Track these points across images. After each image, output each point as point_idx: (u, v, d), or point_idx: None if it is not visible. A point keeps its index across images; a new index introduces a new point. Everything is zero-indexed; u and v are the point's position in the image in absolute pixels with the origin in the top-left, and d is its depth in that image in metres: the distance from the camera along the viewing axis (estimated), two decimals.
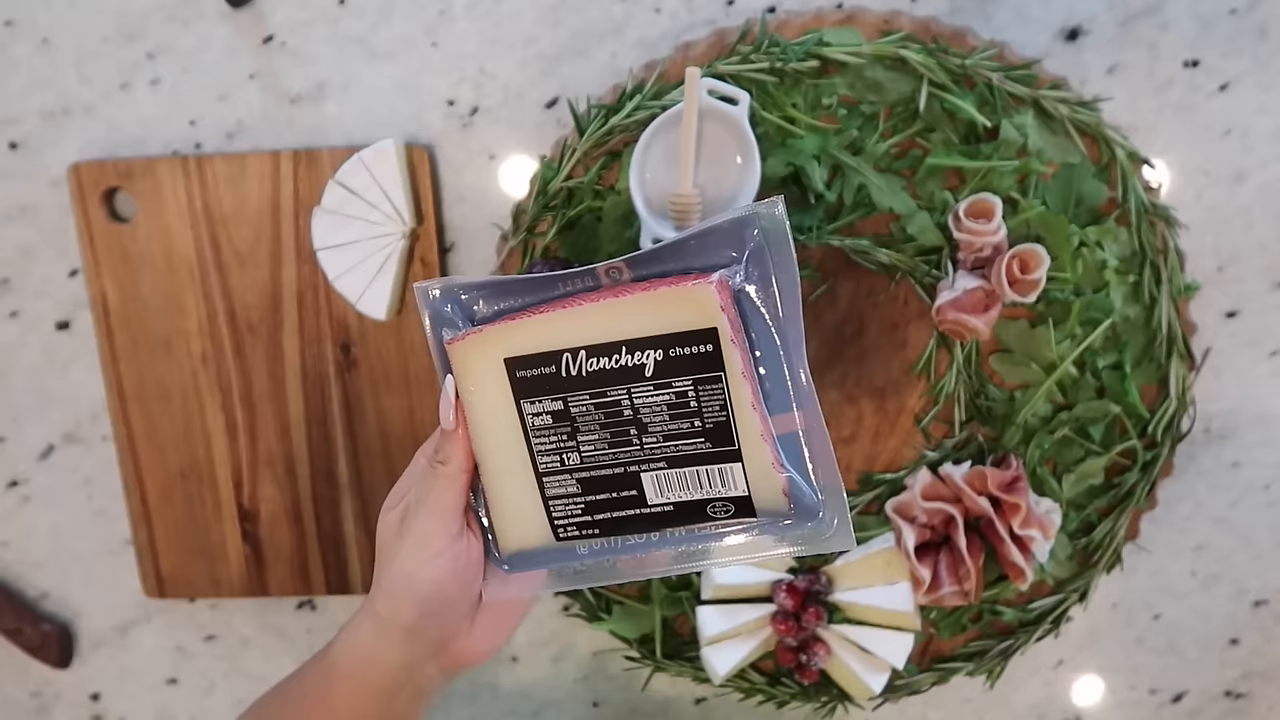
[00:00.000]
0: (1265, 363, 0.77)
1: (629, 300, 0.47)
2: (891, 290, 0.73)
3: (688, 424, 0.49)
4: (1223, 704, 0.84)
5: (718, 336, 0.47)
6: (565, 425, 0.50)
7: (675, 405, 0.49)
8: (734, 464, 0.49)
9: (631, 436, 0.49)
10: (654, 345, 0.48)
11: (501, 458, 0.51)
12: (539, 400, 0.50)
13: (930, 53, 0.68)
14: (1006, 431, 0.74)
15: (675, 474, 0.50)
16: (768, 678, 0.79)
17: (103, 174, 0.77)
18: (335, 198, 0.74)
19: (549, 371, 0.49)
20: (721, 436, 0.49)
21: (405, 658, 0.53)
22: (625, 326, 0.48)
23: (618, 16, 0.74)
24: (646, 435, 0.49)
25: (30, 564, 0.86)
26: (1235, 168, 0.74)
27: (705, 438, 0.49)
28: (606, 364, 0.48)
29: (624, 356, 0.48)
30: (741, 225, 0.48)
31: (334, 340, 0.78)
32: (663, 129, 0.68)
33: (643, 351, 0.48)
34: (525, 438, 0.51)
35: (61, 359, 0.82)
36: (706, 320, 0.47)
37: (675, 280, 0.48)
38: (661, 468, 0.50)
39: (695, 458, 0.49)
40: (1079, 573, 0.77)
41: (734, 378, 0.48)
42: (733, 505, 0.50)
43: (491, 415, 0.50)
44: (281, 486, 0.81)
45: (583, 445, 0.50)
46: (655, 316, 0.48)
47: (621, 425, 0.49)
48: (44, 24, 0.77)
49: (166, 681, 0.88)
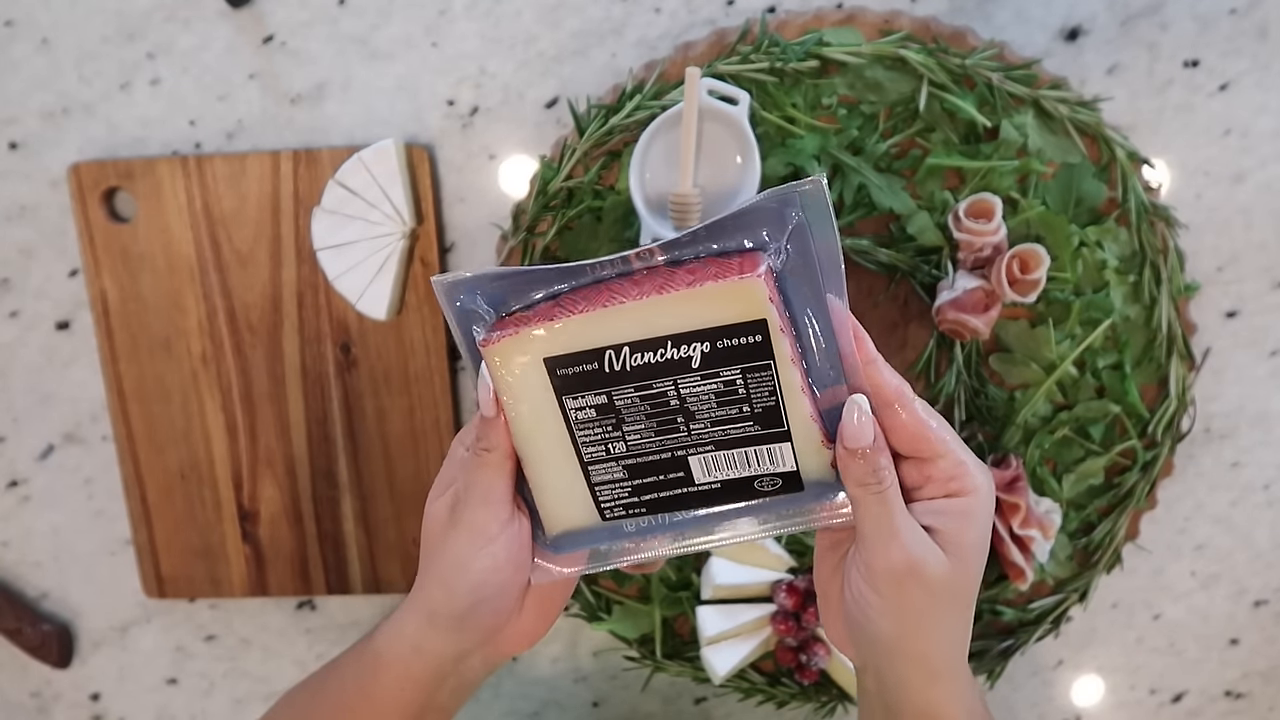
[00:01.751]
0: (1265, 363, 0.77)
1: (673, 297, 0.47)
2: (891, 290, 0.73)
3: (736, 410, 0.48)
4: (1223, 704, 0.84)
5: (767, 328, 0.47)
6: (610, 417, 0.49)
7: (723, 393, 0.48)
8: (783, 443, 0.49)
9: (679, 424, 0.49)
10: (701, 339, 0.47)
11: (544, 448, 0.51)
12: (582, 396, 0.49)
13: (930, 53, 0.68)
14: (1006, 431, 0.74)
15: (724, 455, 0.50)
16: (768, 678, 0.79)
17: (103, 174, 0.77)
18: (335, 198, 0.74)
19: (592, 369, 0.48)
20: (771, 419, 0.48)
21: (454, 648, 0.53)
22: (670, 321, 0.47)
23: (618, 16, 0.74)
24: (694, 422, 0.49)
25: (30, 564, 0.86)
26: (1235, 168, 0.74)
27: (754, 421, 0.49)
28: (651, 358, 0.48)
29: (670, 350, 0.48)
30: (784, 204, 0.47)
31: (334, 340, 0.78)
32: (663, 129, 0.68)
33: (689, 345, 0.47)
34: (569, 430, 0.50)
35: (61, 359, 0.82)
36: (755, 312, 0.47)
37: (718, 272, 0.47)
38: (709, 450, 0.50)
39: (743, 440, 0.49)
40: (1079, 573, 0.77)
41: (783, 364, 0.47)
42: (781, 479, 0.50)
43: (532, 410, 0.50)
44: (281, 486, 0.81)
45: (628, 435, 0.50)
46: (701, 310, 0.47)
47: (668, 414, 0.49)
48: (44, 24, 0.77)
49: (166, 681, 0.88)
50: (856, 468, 0.46)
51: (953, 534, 0.46)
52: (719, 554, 0.75)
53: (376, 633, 0.55)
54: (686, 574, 0.77)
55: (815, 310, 0.48)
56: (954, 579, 0.46)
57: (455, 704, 0.56)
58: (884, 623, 0.47)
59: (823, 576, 0.51)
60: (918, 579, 0.45)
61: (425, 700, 0.54)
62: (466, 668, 0.54)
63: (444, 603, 0.52)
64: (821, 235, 0.47)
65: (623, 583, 0.78)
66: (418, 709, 0.54)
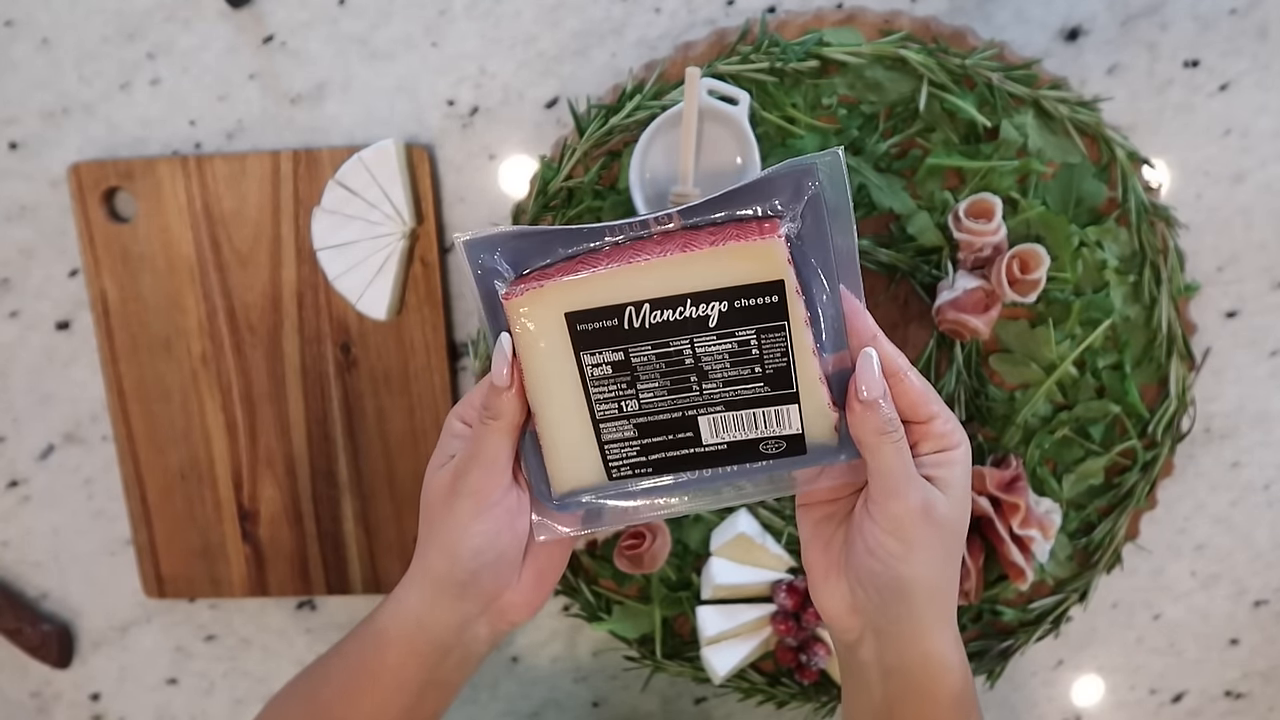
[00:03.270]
0: (1265, 363, 0.77)
1: (695, 255, 0.48)
2: (891, 290, 0.73)
3: (748, 370, 0.50)
4: (1223, 704, 0.84)
5: (784, 288, 0.48)
6: (625, 375, 0.51)
7: (737, 353, 0.50)
8: (791, 405, 0.50)
9: (692, 383, 0.50)
10: (719, 298, 0.48)
11: (558, 407, 0.52)
12: (600, 352, 0.50)
13: (930, 53, 0.68)
14: (1006, 431, 0.74)
15: (733, 415, 0.51)
16: (768, 678, 0.79)
17: (103, 174, 0.77)
18: (335, 198, 0.74)
19: (611, 325, 0.49)
20: (781, 381, 0.50)
21: (457, 617, 0.54)
22: (690, 280, 0.48)
23: (618, 16, 0.74)
24: (707, 381, 0.50)
25: (30, 564, 0.86)
26: (1235, 168, 0.74)
27: (765, 382, 0.50)
28: (670, 316, 0.49)
29: (689, 309, 0.49)
30: (802, 174, 0.48)
31: (334, 340, 0.78)
32: (663, 129, 0.68)
33: (708, 304, 0.49)
34: (584, 387, 0.51)
35: (61, 359, 0.82)
36: (774, 273, 0.48)
37: (739, 233, 0.48)
38: (719, 410, 0.51)
39: (754, 401, 0.50)
40: (1079, 573, 0.77)
41: (797, 326, 0.49)
42: (785, 442, 0.51)
43: (548, 366, 0.51)
44: (281, 486, 0.81)
45: (642, 393, 0.51)
46: (722, 270, 0.48)
47: (682, 373, 0.50)
48: (44, 24, 0.77)
49: (166, 681, 0.88)
50: (874, 417, 0.49)
51: (949, 480, 0.50)
52: (719, 554, 0.75)
53: (378, 611, 0.56)
54: (686, 574, 0.77)
55: (826, 278, 0.49)
56: (956, 518, 0.51)
57: (460, 678, 0.57)
58: (904, 567, 0.50)
59: (814, 554, 0.53)
60: (931, 519, 0.49)
61: (428, 675, 0.55)
62: (471, 637, 0.55)
63: (446, 571, 0.53)
64: (837, 206, 0.49)
65: (623, 583, 0.78)
66: (421, 684, 0.55)
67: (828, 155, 0.48)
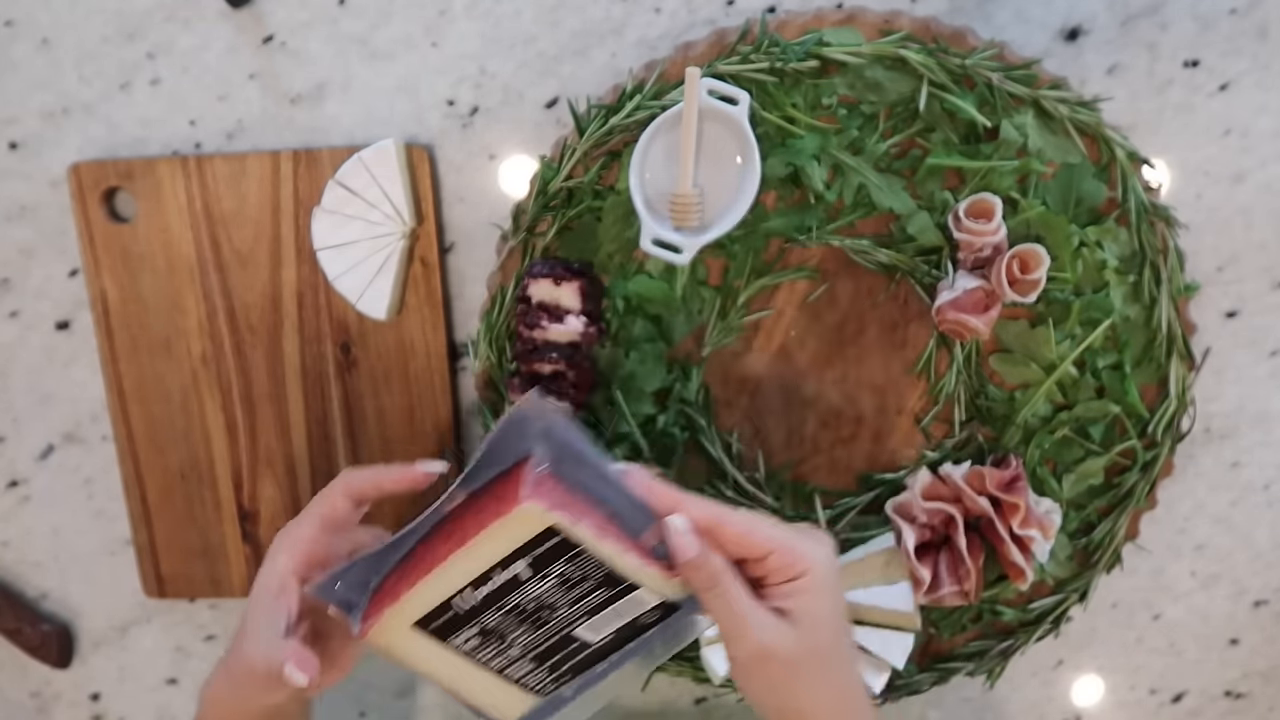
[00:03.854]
0: (1265, 363, 0.77)
1: (475, 542, 0.54)
2: (891, 290, 0.73)
3: (582, 588, 0.56)
4: (1223, 704, 0.84)
5: (558, 531, 0.54)
6: (493, 638, 0.58)
7: (565, 582, 0.56)
8: (635, 590, 0.56)
9: (547, 617, 0.57)
10: (515, 558, 0.55)
11: (464, 679, 0.60)
12: (459, 633, 0.58)
13: (930, 53, 0.68)
14: (1006, 431, 0.74)
15: (598, 618, 0.57)
16: None
17: (103, 174, 0.77)
18: (335, 198, 0.74)
19: (452, 614, 0.57)
20: (614, 581, 0.56)
21: (256, 703, 0.59)
22: (485, 557, 0.55)
23: (618, 16, 0.74)
24: (557, 610, 0.57)
25: (30, 564, 0.86)
26: (1235, 168, 0.74)
27: (602, 587, 0.56)
28: (490, 587, 0.56)
29: (499, 575, 0.55)
30: (522, 421, 0.55)
31: (334, 340, 0.78)
32: (663, 129, 0.68)
33: (508, 567, 0.55)
34: (470, 659, 0.59)
35: (61, 359, 0.82)
36: (540, 525, 0.53)
37: (497, 509, 0.54)
38: (585, 619, 0.57)
39: (605, 602, 0.56)
40: (1079, 573, 0.77)
41: (593, 545, 0.54)
42: (658, 610, 0.57)
43: (433, 660, 0.59)
44: (281, 486, 0.81)
45: (516, 641, 0.58)
46: (502, 541, 0.54)
47: (535, 613, 0.57)
48: (44, 24, 0.77)
49: (166, 681, 0.88)
50: (694, 578, 0.53)
51: (802, 610, 0.52)
52: None
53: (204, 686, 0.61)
54: None
55: (604, 477, 0.55)
56: (810, 648, 0.53)
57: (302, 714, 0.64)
58: (759, 700, 0.54)
59: None
60: (772, 660, 0.52)
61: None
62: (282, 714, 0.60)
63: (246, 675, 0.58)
64: (564, 429, 0.55)
65: None
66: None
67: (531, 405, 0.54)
